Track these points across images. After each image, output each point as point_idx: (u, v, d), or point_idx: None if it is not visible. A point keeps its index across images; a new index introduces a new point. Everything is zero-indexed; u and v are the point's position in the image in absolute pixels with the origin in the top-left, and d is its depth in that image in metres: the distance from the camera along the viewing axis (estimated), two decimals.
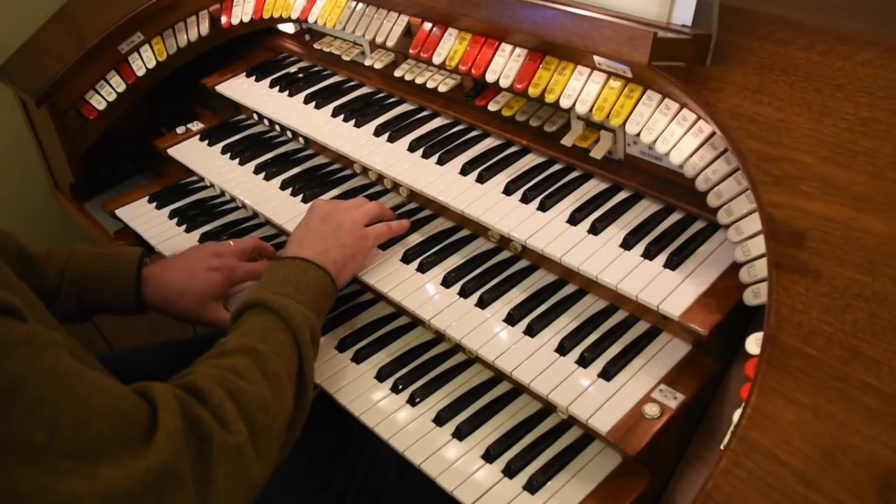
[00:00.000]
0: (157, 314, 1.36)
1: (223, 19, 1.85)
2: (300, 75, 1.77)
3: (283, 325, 1.08)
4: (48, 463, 0.74)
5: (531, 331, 1.17)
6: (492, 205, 1.30)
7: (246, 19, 1.82)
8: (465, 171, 1.37)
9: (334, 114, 1.60)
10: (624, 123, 1.18)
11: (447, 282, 1.28)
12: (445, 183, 1.36)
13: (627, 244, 1.18)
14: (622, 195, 1.28)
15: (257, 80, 1.80)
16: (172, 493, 0.82)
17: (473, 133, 1.48)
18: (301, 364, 1.07)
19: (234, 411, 0.92)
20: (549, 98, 1.26)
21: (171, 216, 1.68)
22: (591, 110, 1.21)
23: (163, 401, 0.86)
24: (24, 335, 0.77)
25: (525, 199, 1.29)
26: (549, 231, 1.23)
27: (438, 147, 1.44)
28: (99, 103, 1.83)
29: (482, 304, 1.23)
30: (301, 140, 1.69)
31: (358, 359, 1.28)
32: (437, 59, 1.41)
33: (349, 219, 1.30)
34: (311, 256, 1.22)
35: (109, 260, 1.33)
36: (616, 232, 1.21)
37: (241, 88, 1.79)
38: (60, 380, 0.78)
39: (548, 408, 1.17)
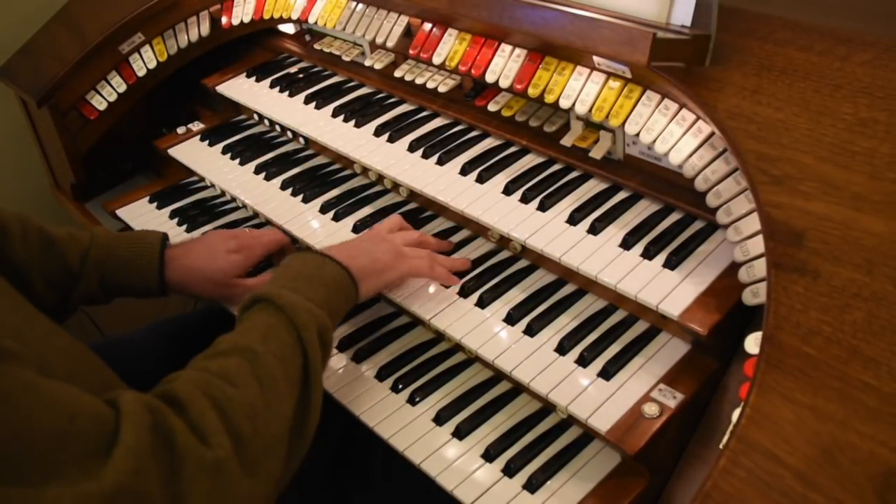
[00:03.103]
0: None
1: (224, 20, 1.86)
2: (300, 76, 1.77)
3: (288, 323, 1.01)
4: None
5: (531, 330, 1.18)
6: (491, 205, 1.30)
7: (246, 20, 1.83)
8: (464, 171, 1.38)
9: (334, 114, 1.60)
10: (623, 123, 1.18)
11: None
12: (445, 183, 1.37)
13: (627, 244, 1.18)
14: (621, 195, 1.29)
15: (258, 80, 1.80)
16: None
17: (473, 133, 1.48)
18: (306, 365, 1.00)
19: (217, 423, 0.85)
20: (549, 98, 1.26)
21: (171, 216, 1.68)
22: (590, 110, 1.21)
23: (129, 412, 0.79)
24: None
25: (525, 199, 1.29)
26: (548, 231, 1.23)
27: (438, 147, 1.44)
28: (100, 103, 1.84)
29: (482, 303, 1.24)
30: (301, 140, 1.70)
31: (358, 358, 1.29)
32: (436, 60, 1.42)
33: (389, 243, 1.26)
34: (334, 254, 1.17)
35: (132, 242, 1.33)
36: (615, 232, 1.21)
37: (241, 89, 1.80)
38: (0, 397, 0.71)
39: (547, 407, 1.18)
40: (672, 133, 1.13)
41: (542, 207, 1.27)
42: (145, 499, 0.77)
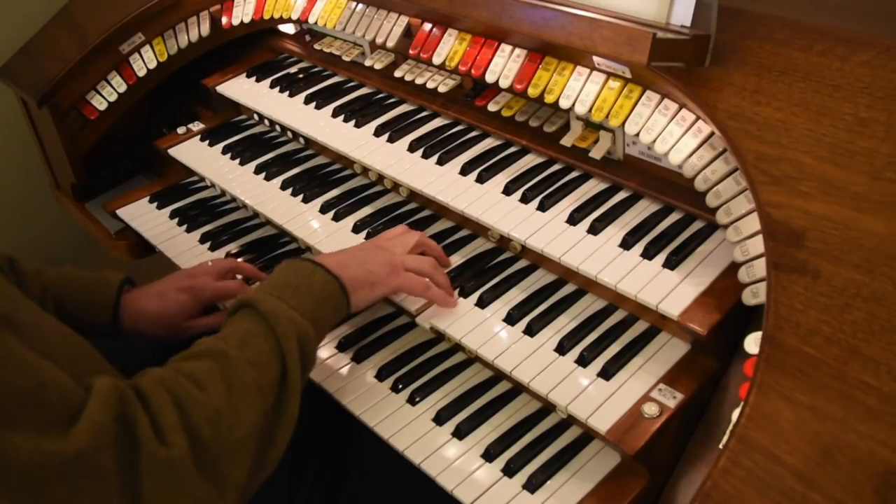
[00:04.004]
0: None
1: (224, 20, 1.86)
2: (300, 76, 1.78)
3: (268, 330, 1.00)
4: None
5: (531, 330, 1.18)
6: (491, 205, 1.30)
7: (246, 20, 1.83)
8: (464, 171, 1.38)
9: (334, 114, 1.60)
10: (623, 124, 1.18)
11: None
12: (445, 183, 1.37)
13: (627, 244, 1.18)
14: (621, 195, 1.29)
15: (258, 80, 1.80)
16: (89, 485, 0.79)
17: (473, 133, 1.48)
18: (284, 374, 0.99)
19: (176, 421, 0.86)
20: (549, 98, 1.26)
21: (171, 216, 1.69)
22: (590, 111, 1.22)
23: (100, 394, 0.83)
24: None
25: (525, 199, 1.29)
26: (548, 231, 1.23)
27: (438, 147, 1.44)
28: (100, 104, 1.84)
29: (482, 303, 1.24)
30: (301, 140, 1.70)
31: (358, 358, 1.29)
32: (436, 60, 1.42)
33: (386, 254, 1.22)
34: (326, 263, 1.14)
35: (90, 282, 1.34)
36: (615, 232, 1.21)
37: (241, 89, 1.80)
38: None
39: (547, 407, 1.18)
40: (672, 133, 1.13)
41: (542, 207, 1.27)
42: (101, 474, 0.80)
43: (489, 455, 1.11)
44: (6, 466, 0.76)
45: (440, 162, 1.41)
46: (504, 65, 1.33)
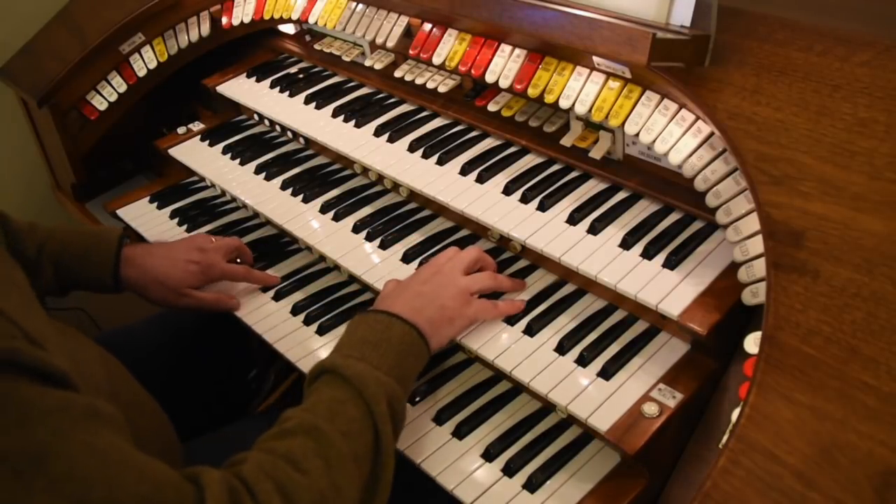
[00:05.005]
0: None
1: (224, 20, 1.86)
2: (301, 76, 1.78)
3: (356, 396, 0.96)
4: None
5: (530, 330, 1.18)
6: (491, 205, 1.30)
7: (247, 20, 1.83)
8: (464, 171, 1.38)
9: (334, 114, 1.60)
10: (623, 124, 1.18)
11: None
12: (445, 183, 1.37)
13: (626, 244, 1.18)
14: (621, 195, 1.29)
15: (258, 80, 1.80)
16: None
17: (473, 133, 1.48)
18: (377, 440, 0.95)
19: None
20: (549, 98, 1.27)
21: (172, 216, 1.69)
22: (590, 111, 1.22)
23: (211, 489, 0.80)
24: (60, 403, 0.72)
25: (524, 199, 1.29)
26: (548, 231, 1.23)
27: (438, 147, 1.44)
28: (100, 104, 1.84)
29: None
30: (301, 140, 1.70)
31: None
32: (436, 60, 1.42)
33: (454, 282, 1.17)
34: (400, 311, 1.09)
35: (89, 237, 1.35)
36: (615, 232, 1.21)
37: (241, 89, 1.80)
38: (96, 456, 0.73)
39: (547, 407, 1.18)
40: (671, 133, 1.13)
41: (542, 207, 1.27)
42: None
43: (489, 455, 1.11)
44: None
45: (440, 162, 1.41)
46: (504, 65, 1.33)
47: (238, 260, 1.48)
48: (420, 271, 1.21)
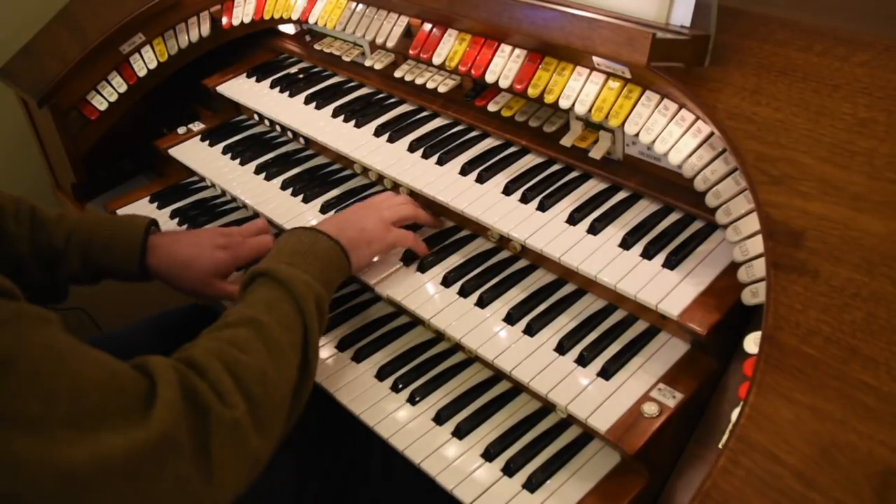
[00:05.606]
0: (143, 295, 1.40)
1: (224, 20, 1.86)
2: (301, 76, 1.78)
3: (288, 295, 1.08)
4: (46, 433, 0.76)
5: (530, 330, 1.18)
6: (491, 205, 1.30)
7: (247, 20, 1.83)
8: (464, 171, 1.38)
9: (335, 114, 1.60)
10: (623, 124, 1.18)
11: (447, 281, 1.28)
12: (445, 183, 1.37)
13: (626, 244, 1.18)
14: (621, 195, 1.29)
15: (258, 80, 1.80)
16: (173, 462, 0.83)
17: (473, 133, 1.48)
18: (306, 334, 1.07)
19: (232, 384, 0.92)
20: (549, 98, 1.27)
21: (172, 216, 1.69)
22: (589, 111, 1.22)
23: (161, 373, 0.87)
24: (14, 312, 0.79)
25: (524, 199, 1.30)
26: (548, 231, 1.23)
27: (438, 147, 1.44)
28: (100, 104, 1.84)
29: (482, 303, 1.24)
30: (301, 140, 1.70)
31: (358, 358, 1.29)
32: (436, 60, 1.42)
33: (376, 213, 1.32)
34: (326, 229, 1.23)
35: (116, 226, 1.36)
36: (615, 232, 1.21)
37: (241, 89, 1.80)
38: (54, 354, 0.79)
39: (547, 407, 1.18)
40: (671, 133, 1.13)
41: (542, 207, 1.27)
42: (180, 448, 0.84)
43: (489, 454, 1.11)
44: (109, 470, 0.78)
45: (440, 162, 1.41)
46: (504, 65, 1.33)
47: None
48: (356, 204, 1.38)
